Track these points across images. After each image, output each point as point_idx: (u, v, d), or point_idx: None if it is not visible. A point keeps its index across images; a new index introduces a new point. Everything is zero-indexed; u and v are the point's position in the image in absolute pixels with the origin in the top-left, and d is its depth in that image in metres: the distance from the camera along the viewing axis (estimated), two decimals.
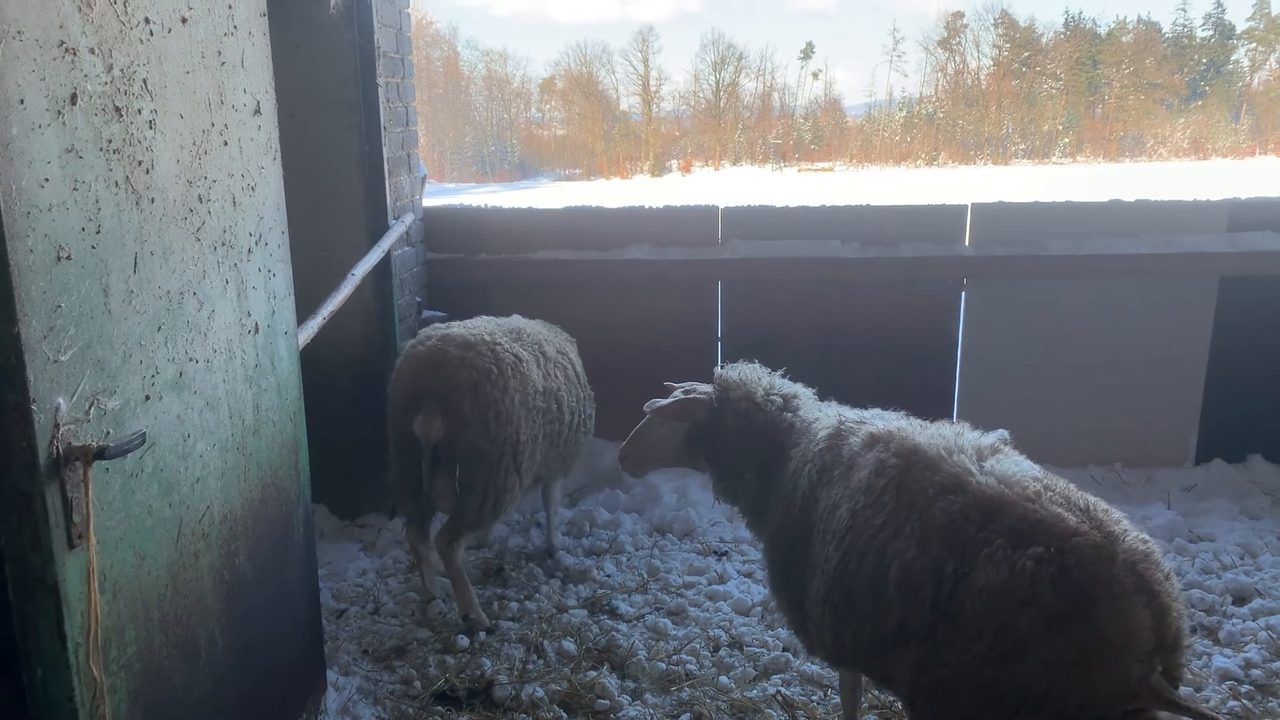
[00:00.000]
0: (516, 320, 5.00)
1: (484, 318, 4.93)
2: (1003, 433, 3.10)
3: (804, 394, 3.82)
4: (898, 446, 3.02)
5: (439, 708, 4.00)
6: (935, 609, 2.64)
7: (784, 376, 3.90)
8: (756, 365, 3.93)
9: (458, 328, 4.65)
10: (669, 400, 3.92)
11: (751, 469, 3.69)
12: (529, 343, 4.75)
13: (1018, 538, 2.55)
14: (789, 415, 3.68)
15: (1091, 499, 2.69)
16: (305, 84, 5.26)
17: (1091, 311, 6.20)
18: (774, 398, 3.73)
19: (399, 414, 4.48)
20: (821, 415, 3.62)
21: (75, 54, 2.18)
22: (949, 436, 3.01)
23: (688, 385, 3.99)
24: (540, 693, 4.02)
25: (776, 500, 3.53)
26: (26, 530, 2.12)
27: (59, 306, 2.13)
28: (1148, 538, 2.59)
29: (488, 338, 4.53)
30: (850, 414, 3.52)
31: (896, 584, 2.75)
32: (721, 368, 3.95)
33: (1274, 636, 4.33)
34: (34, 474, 2.09)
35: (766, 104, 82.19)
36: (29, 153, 2.03)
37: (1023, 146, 76.30)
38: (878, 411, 3.50)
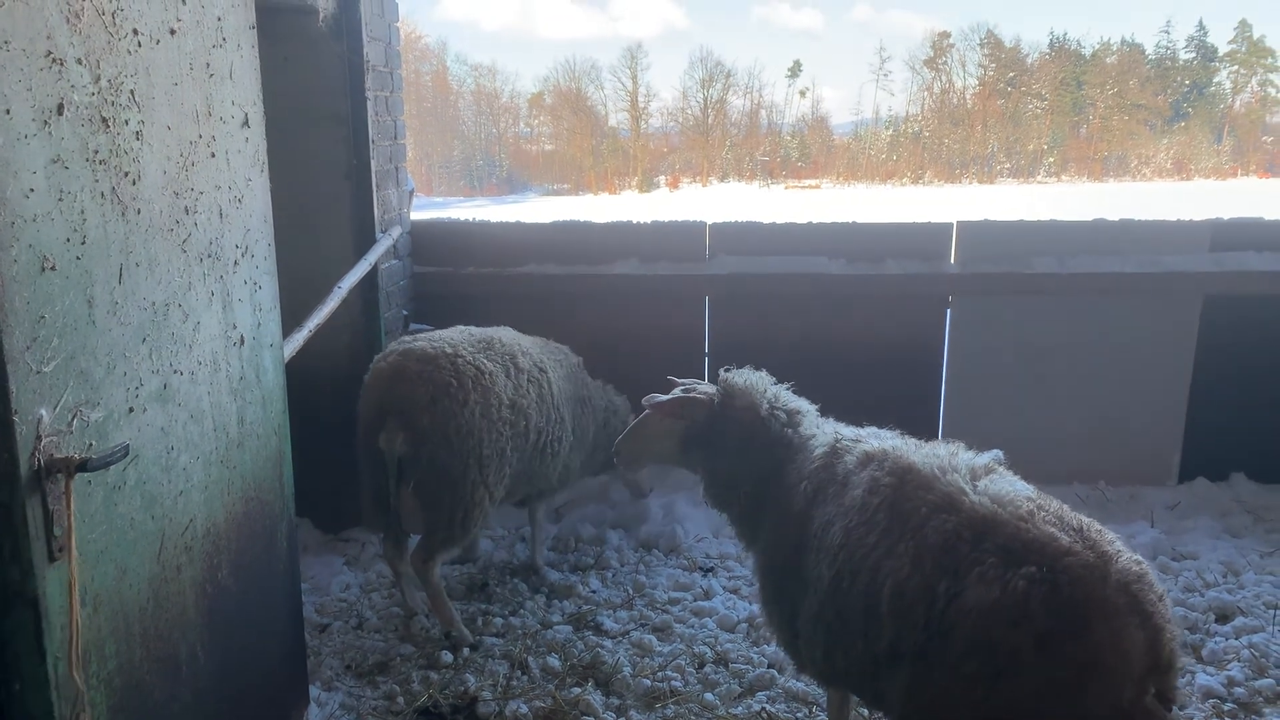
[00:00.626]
0: (496, 331, 4.93)
1: (461, 328, 4.89)
2: (997, 453, 3.09)
3: (806, 409, 3.76)
4: (892, 465, 3.02)
5: None
6: (927, 628, 2.62)
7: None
8: (763, 374, 3.86)
9: (423, 340, 4.60)
10: (668, 397, 3.87)
11: (748, 482, 3.64)
12: (499, 354, 4.66)
13: (1010, 557, 2.54)
14: (790, 431, 3.64)
15: (1085, 519, 2.68)
16: (293, 97, 5.25)
17: (1075, 329, 6.24)
18: (778, 413, 3.67)
19: (365, 430, 4.47)
20: (819, 432, 3.59)
21: (63, 64, 2.17)
22: (943, 456, 3.00)
23: (689, 383, 3.94)
24: (524, 709, 3.99)
25: (771, 515, 3.50)
26: (6, 542, 2.11)
27: (43, 317, 2.12)
28: (1141, 559, 2.58)
29: (449, 350, 4.47)
30: (847, 432, 3.49)
31: (889, 603, 2.74)
32: (726, 371, 3.87)
33: (1256, 654, 4.35)
34: (15, 486, 2.08)
35: (754, 121, 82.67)
36: (15, 163, 2.02)
37: (1008, 165, 76.90)
38: (874, 430, 3.48)
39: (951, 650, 2.56)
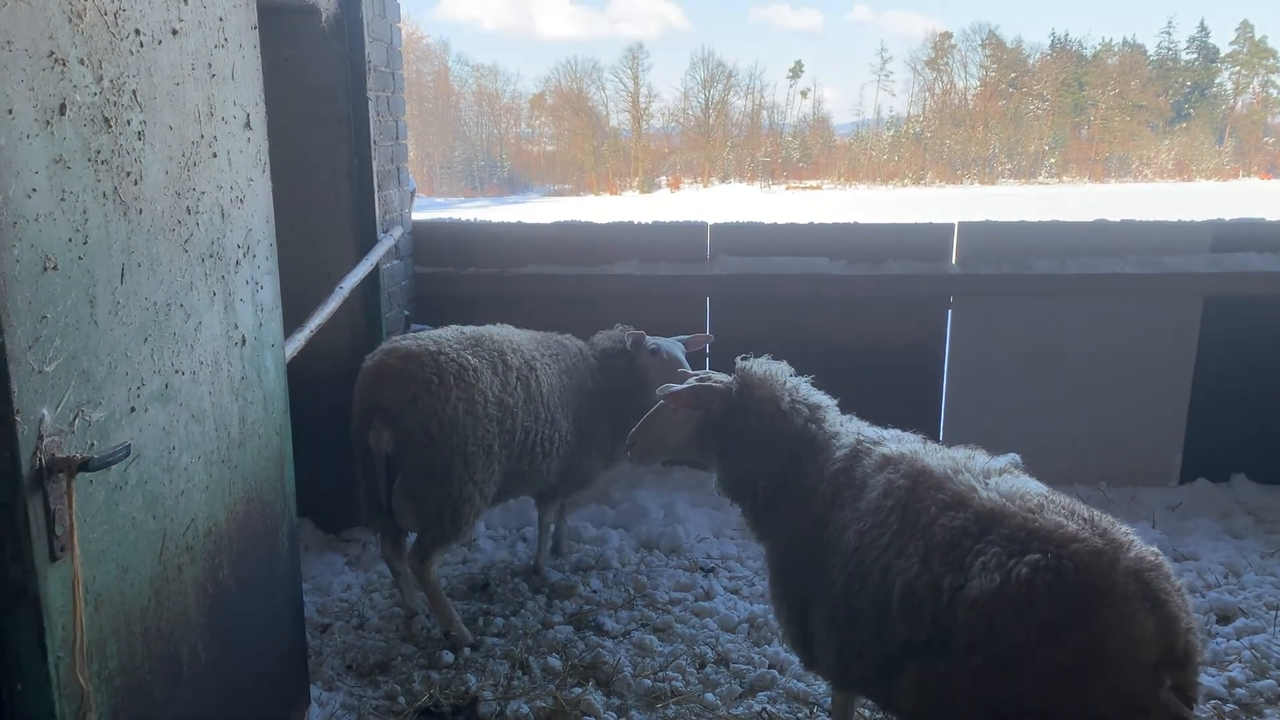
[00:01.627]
0: (491, 328, 4.90)
1: (456, 326, 4.86)
2: (1014, 456, 3.05)
3: (827, 404, 3.65)
4: (906, 468, 3.00)
5: None
6: (934, 624, 2.60)
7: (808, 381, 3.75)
8: (783, 365, 3.74)
9: (409, 338, 4.63)
10: (683, 386, 3.79)
11: (765, 477, 3.56)
12: (487, 350, 4.63)
13: (1014, 545, 2.51)
14: (813, 427, 3.53)
15: (1098, 512, 2.65)
16: (295, 97, 5.26)
17: (1077, 330, 6.24)
18: (800, 406, 3.57)
19: (357, 429, 4.52)
20: (841, 431, 3.49)
21: (65, 64, 2.18)
22: (959, 459, 2.98)
23: (703, 373, 3.87)
24: (525, 709, 4.00)
25: (787, 513, 3.46)
26: (8, 542, 2.11)
27: (45, 317, 2.12)
28: (1158, 550, 2.53)
29: (432, 347, 4.48)
30: (869, 433, 3.42)
31: (899, 602, 2.72)
32: (744, 359, 3.77)
33: (1258, 655, 4.35)
34: (16, 485, 2.08)
35: (755, 122, 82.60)
36: (17, 163, 2.02)
37: (1009, 166, 76.85)
38: (896, 433, 3.41)
39: (957, 643, 2.53)
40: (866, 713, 3.96)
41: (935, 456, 3.04)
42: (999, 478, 2.86)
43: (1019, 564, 2.45)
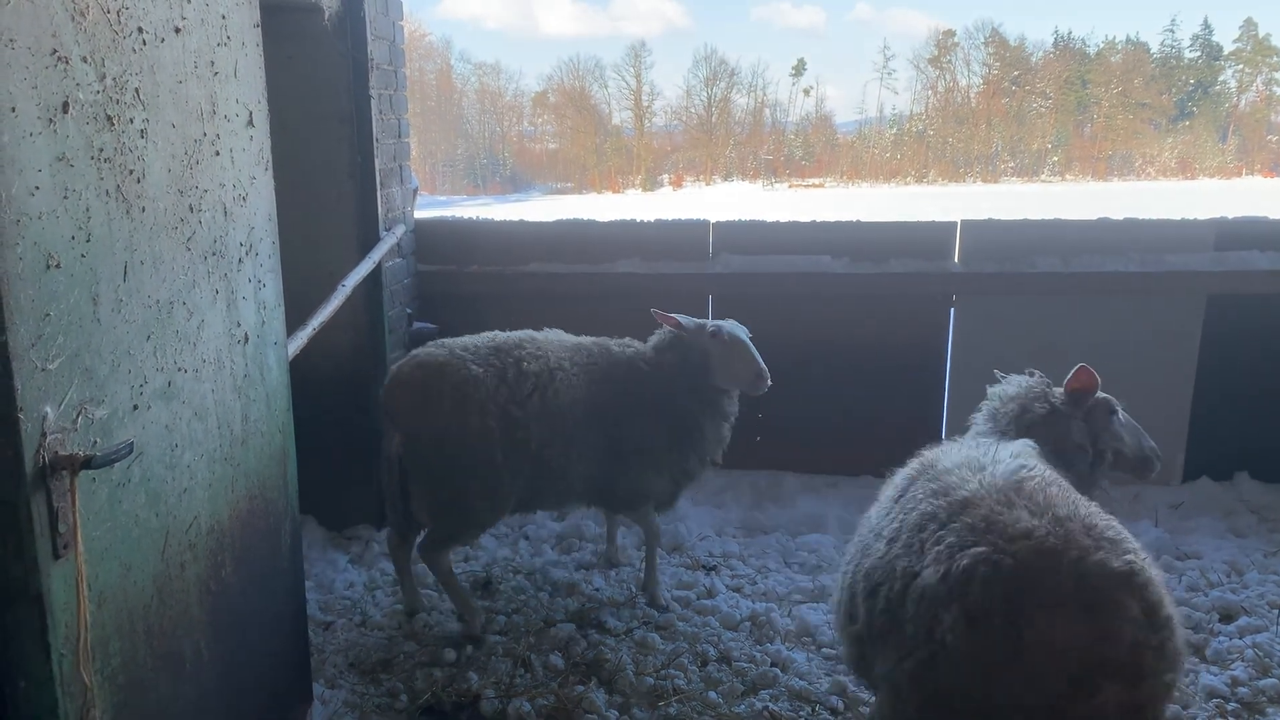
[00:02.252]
0: (523, 335, 4.77)
1: (491, 333, 4.76)
2: (1028, 442, 3.15)
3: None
4: (919, 462, 3.11)
5: None
6: (887, 612, 2.66)
7: None
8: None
9: (432, 345, 4.66)
10: None
11: None
12: (501, 359, 4.53)
13: (969, 536, 2.53)
14: None
15: (1086, 510, 2.64)
16: (298, 95, 5.26)
17: (1079, 329, 6.22)
18: None
19: (384, 430, 4.63)
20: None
21: (68, 62, 2.18)
22: (976, 453, 3.02)
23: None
24: (527, 707, 4.00)
25: None
26: (10, 540, 2.11)
27: (48, 315, 2.12)
28: (1141, 565, 2.46)
29: (443, 357, 4.50)
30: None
31: (862, 582, 2.82)
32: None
33: (1260, 654, 4.34)
34: (19, 483, 2.08)
35: (758, 120, 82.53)
36: (19, 161, 2.02)
37: (1012, 164, 76.74)
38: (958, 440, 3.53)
39: (903, 632, 2.57)
40: (866, 710, 3.96)
41: (952, 450, 3.08)
42: (1000, 467, 2.86)
43: (963, 555, 2.48)
